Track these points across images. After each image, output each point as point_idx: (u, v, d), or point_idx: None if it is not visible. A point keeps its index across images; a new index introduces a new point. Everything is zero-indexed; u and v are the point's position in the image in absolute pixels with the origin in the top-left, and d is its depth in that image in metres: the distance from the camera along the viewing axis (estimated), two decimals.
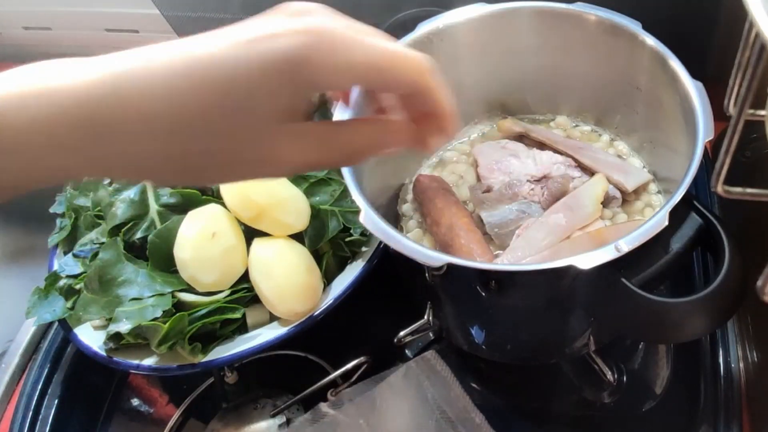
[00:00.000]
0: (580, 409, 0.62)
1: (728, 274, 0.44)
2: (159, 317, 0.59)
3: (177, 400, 0.67)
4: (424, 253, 0.45)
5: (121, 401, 0.70)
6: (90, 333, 0.63)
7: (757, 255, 0.40)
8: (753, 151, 0.59)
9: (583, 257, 0.42)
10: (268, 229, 0.62)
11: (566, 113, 0.67)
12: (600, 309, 0.51)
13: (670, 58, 0.52)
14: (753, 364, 0.57)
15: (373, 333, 0.68)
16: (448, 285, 0.53)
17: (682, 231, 0.47)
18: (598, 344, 0.58)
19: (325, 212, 0.65)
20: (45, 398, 0.67)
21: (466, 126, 0.69)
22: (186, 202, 0.64)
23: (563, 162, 0.60)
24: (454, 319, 0.60)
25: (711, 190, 0.35)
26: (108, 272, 0.62)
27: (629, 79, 0.59)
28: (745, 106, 0.31)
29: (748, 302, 0.44)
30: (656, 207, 0.58)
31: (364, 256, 0.64)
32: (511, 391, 0.64)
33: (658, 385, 0.61)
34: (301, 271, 0.60)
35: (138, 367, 0.60)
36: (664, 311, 0.45)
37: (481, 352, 0.62)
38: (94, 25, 0.97)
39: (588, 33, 0.58)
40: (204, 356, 0.60)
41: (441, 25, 0.59)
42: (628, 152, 0.64)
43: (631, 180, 0.58)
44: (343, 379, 0.63)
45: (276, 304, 0.60)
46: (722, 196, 0.35)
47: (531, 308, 0.53)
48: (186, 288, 0.62)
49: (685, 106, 0.50)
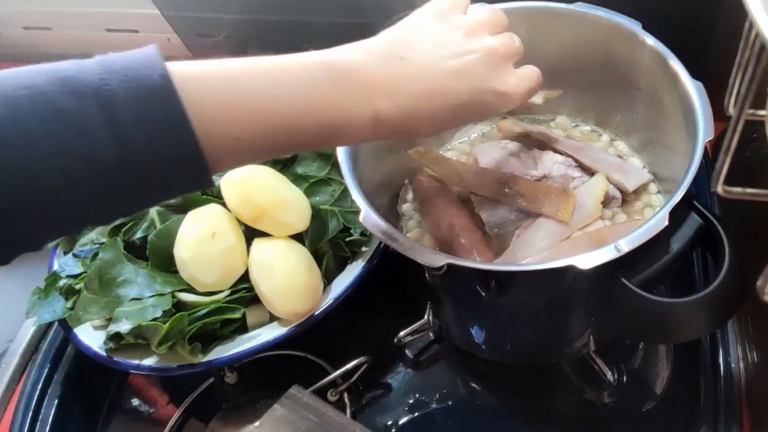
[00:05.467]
0: (580, 409, 0.62)
1: (728, 274, 0.44)
2: (159, 317, 0.59)
3: (177, 400, 0.67)
4: (424, 253, 0.45)
5: (121, 401, 0.70)
6: (90, 333, 0.63)
7: (757, 255, 0.40)
8: (753, 151, 0.59)
9: (583, 257, 0.42)
10: (269, 230, 0.62)
11: (566, 113, 0.67)
12: (600, 309, 0.51)
13: (670, 58, 0.53)
14: (753, 364, 0.57)
15: (373, 333, 0.68)
16: (448, 285, 0.53)
17: (682, 231, 0.47)
18: (598, 344, 0.58)
19: (325, 212, 0.65)
20: (45, 398, 0.67)
21: (466, 126, 0.69)
22: (186, 202, 0.64)
23: (563, 162, 0.60)
24: (454, 319, 0.60)
25: (711, 190, 0.35)
26: (108, 272, 0.62)
27: (629, 79, 0.59)
28: (745, 106, 0.31)
29: (748, 302, 0.44)
30: (656, 207, 0.58)
31: (364, 256, 0.64)
32: (511, 391, 0.64)
33: (658, 385, 0.61)
34: (301, 271, 0.60)
35: (138, 367, 0.60)
36: (664, 311, 0.45)
37: (481, 352, 0.62)
38: (94, 25, 0.97)
39: (588, 33, 0.58)
40: (204, 356, 0.60)
41: None
42: (628, 152, 0.64)
43: (631, 180, 0.58)
44: (343, 379, 0.63)
45: (276, 304, 0.60)
46: (722, 196, 0.35)
47: (531, 308, 0.53)
48: (186, 288, 0.62)
49: (685, 106, 0.50)
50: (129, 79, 0.30)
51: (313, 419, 0.55)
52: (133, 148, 0.30)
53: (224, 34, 0.90)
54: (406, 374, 0.66)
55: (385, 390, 0.65)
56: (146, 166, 0.30)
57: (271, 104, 0.33)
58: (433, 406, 0.63)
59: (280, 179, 0.63)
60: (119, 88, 0.29)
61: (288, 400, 0.56)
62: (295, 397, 0.56)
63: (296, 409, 0.55)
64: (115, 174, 0.30)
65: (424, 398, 0.64)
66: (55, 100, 0.29)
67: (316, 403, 0.56)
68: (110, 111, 0.29)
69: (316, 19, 0.82)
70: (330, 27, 0.81)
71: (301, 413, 0.55)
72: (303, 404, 0.55)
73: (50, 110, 0.29)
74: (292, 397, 0.56)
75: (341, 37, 0.40)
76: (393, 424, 0.62)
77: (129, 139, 0.29)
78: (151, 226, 0.64)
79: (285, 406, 0.55)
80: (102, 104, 0.29)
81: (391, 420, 0.63)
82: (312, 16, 0.82)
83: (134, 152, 0.30)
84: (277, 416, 0.55)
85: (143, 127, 0.30)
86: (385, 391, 0.65)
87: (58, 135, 0.29)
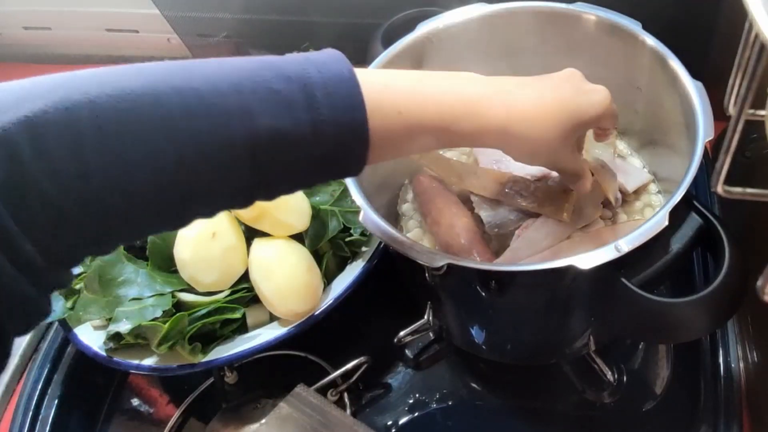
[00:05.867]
0: (580, 409, 0.62)
1: (728, 274, 0.44)
2: (159, 317, 0.59)
3: (177, 400, 0.67)
4: (424, 253, 0.46)
5: (121, 401, 0.70)
6: (90, 333, 0.63)
7: (757, 255, 0.40)
8: (753, 151, 0.59)
9: (583, 257, 0.42)
10: (269, 230, 0.62)
11: None
12: (600, 309, 0.51)
13: (670, 58, 0.53)
14: (753, 364, 0.57)
15: (373, 333, 0.68)
16: (448, 285, 0.53)
17: (682, 231, 0.47)
18: (598, 344, 0.58)
19: (325, 212, 0.65)
20: (45, 398, 0.67)
21: None
22: None
23: None
24: (454, 319, 0.60)
25: (711, 190, 0.36)
26: (108, 272, 0.62)
27: (629, 79, 0.59)
28: (745, 106, 0.31)
29: (748, 302, 0.44)
30: (656, 207, 0.58)
31: (364, 256, 0.64)
32: (511, 391, 0.64)
33: (658, 385, 0.61)
34: (301, 271, 0.60)
35: (138, 367, 0.60)
36: (664, 311, 0.45)
37: (481, 352, 0.62)
38: (94, 25, 0.97)
39: (588, 33, 0.58)
40: (204, 356, 0.60)
41: (441, 25, 0.59)
42: (628, 152, 0.64)
43: (631, 180, 0.58)
44: (343, 379, 0.63)
45: (276, 304, 0.60)
46: (722, 196, 0.35)
47: (531, 308, 0.53)
48: (186, 288, 0.62)
49: (685, 106, 0.50)
50: (324, 70, 0.36)
51: (318, 418, 0.56)
52: (322, 123, 0.35)
53: (224, 34, 0.90)
54: (406, 374, 0.66)
55: (385, 390, 0.65)
56: (326, 141, 0.36)
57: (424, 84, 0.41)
58: (433, 406, 0.63)
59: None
60: (317, 77, 0.36)
61: (294, 398, 0.57)
62: (301, 396, 0.57)
63: (302, 407, 0.56)
64: (303, 149, 0.36)
65: (424, 398, 0.64)
66: (270, 81, 0.35)
67: (321, 402, 0.57)
68: (311, 94, 0.35)
69: (316, 19, 0.82)
70: (330, 27, 0.81)
71: (307, 412, 0.56)
72: (308, 403, 0.57)
73: (267, 91, 0.34)
74: (298, 396, 0.57)
75: (341, 37, 0.40)
76: (393, 424, 0.62)
77: (320, 117, 0.35)
78: None
79: (291, 404, 0.57)
80: (304, 88, 0.35)
81: (391, 420, 0.63)
82: (312, 16, 0.82)
83: (322, 126, 0.35)
84: (283, 414, 0.56)
85: (332, 107, 0.35)
86: (385, 391, 0.65)
87: (273, 112, 0.34)
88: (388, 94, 0.39)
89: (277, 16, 0.84)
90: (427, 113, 0.40)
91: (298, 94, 0.35)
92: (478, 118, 0.41)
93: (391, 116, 0.39)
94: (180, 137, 0.32)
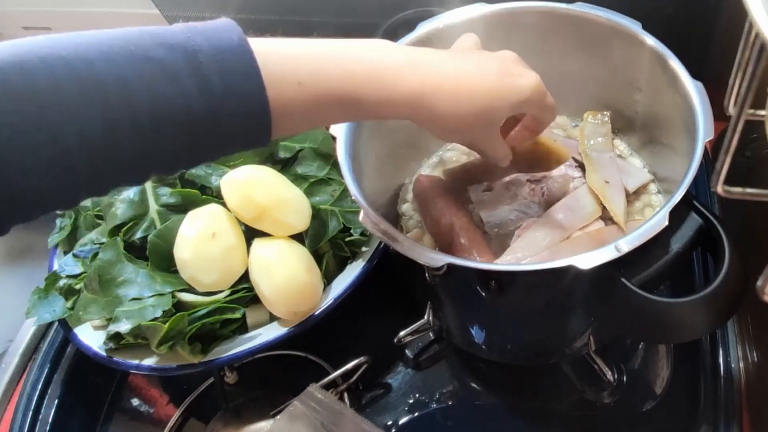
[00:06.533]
0: (580, 409, 0.62)
1: (728, 274, 0.44)
2: (159, 317, 0.59)
3: (177, 400, 0.67)
4: (424, 253, 0.45)
5: (121, 401, 0.70)
6: (90, 333, 0.63)
7: (757, 255, 0.40)
8: (753, 151, 0.59)
9: (583, 257, 0.42)
10: (269, 230, 0.62)
11: (566, 113, 0.67)
12: (600, 309, 0.51)
13: (670, 58, 0.53)
14: (753, 364, 0.57)
15: (373, 333, 0.68)
16: (448, 285, 0.53)
17: (682, 231, 0.47)
18: (598, 344, 0.58)
19: (325, 212, 0.65)
20: (45, 398, 0.67)
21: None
22: (186, 202, 0.64)
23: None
24: (454, 319, 0.60)
25: (711, 190, 0.36)
26: (108, 272, 0.62)
27: (629, 79, 0.59)
28: (745, 106, 0.31)
29: (748, 302, 0.44)
30: (656, 207, 0.58)
31: (364, 256, 0.64)
32: (511, 391, 0.64)
33: (658, 385, 0.61)
34: (301, 271, 0.60)
35: (138, 367, 0.60)
36: (664, 311, 0.45)
37: (481, 352, 0.62)
38: (94, 25, 0.96)
39: (588, 33, 0.58)
40: (204, 356, 0.60)
41: (441, 25, 0.59)
42: (628, 152, 0.64)
43: (631, 180, 0.58)
44: (343, 379, 0.63)
45: (276, 304, 0.60)
46: (722, 196, 0.35)
47: (531, 308, 0.53)
48: (186, 288, 0.62)
49: (685, 106, 0.50)
50: (211, 38, 0.34)
51: (328, 416, 0.57)
52: (213, 94, 0.34)
53: None
54: (406, 374, 0.66)
55: (385, 390, 0.65)
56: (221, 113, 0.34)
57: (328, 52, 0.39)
58: (433, 406, 0.63)
59: (280, 179, 0.63)
60: (204, 44, 0.34)
61: (306, 397, 0.59)
62: (312, 395, 0.59)
63: (313, 406, 0.58)
64: (195, 121, 0.34)
65: (424, 398, 0.64)
66: (148, 49, 0.33)
67: (331, 401, 0.59)
68: (196, 62, 0.33)
69: (316, 19, 0.82)
70: (330, 27, 0.81)
71: (317, 410, 0.58)
72: (319, 401, 0.58)
73: (144, 58, 0.32)
74: (310, 395, 0.59)
75: (341, 37, 0.40)
76: (393, 424, 0.62)
77: (210, 87, 0.33)
78: (151, 226, 0.64)
79: (303, 402, 0.58)
80: (189, 56, 0.33)
81: (391, 420, 0.63)
82: (312, 16, 0.82)
83: (213, 98, 0.34)
84: (294, 412, 0.58)
85: (222, 76, 0.34)
86: (385, 391, 0.65)
87: (150, 80, 0.32)
88: (288, 63, 0.37)
89: (276, 16, 0.84)
90: (332, 83, 0.38)
91: (181, 62, 0.33)
92: (387, 88, 0.40)
93: (293, 86, 0.37)
94: (51, 109, 0.31)
